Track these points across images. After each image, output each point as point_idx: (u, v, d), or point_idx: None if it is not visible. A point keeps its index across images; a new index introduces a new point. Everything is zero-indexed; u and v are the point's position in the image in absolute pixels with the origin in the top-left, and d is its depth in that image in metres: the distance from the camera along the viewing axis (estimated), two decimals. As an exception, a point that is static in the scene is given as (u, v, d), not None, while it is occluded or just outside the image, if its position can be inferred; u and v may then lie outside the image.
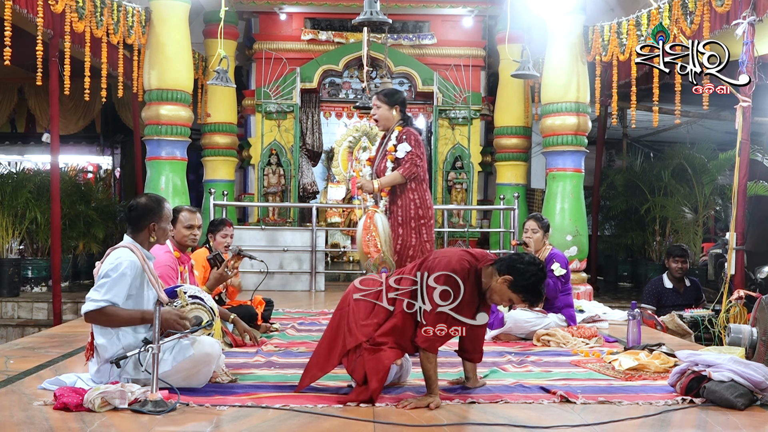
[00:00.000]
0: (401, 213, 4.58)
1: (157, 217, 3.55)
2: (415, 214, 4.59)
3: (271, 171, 10.50)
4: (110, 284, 3.33)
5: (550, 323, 5.22)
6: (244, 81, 11.02)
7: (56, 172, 7.59)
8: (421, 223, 4.60)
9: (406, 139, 4.54)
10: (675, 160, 10.22)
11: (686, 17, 6.19)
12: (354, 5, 9.91)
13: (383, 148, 4.68)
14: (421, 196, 4.61)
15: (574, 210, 7.93)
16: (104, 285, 3.34)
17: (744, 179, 5.64)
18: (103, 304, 3.30)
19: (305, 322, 5.93)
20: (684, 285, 6.57)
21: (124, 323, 3.35)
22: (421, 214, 4.60)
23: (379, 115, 4.60)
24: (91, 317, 3.34)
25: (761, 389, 3.37)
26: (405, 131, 4.58)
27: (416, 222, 4.59)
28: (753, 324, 4.04)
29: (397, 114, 4.62)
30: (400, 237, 4.59)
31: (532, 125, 10.19)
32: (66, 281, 9.41)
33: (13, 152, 14.14)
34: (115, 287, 3.33)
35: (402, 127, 4.61)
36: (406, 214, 4.58)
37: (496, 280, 3.33)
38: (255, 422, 3.01)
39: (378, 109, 4.60)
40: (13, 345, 4.88)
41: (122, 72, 7.81)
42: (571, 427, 3.03)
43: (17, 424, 2.89)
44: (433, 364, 3.33)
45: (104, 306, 3.30)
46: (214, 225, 5.36)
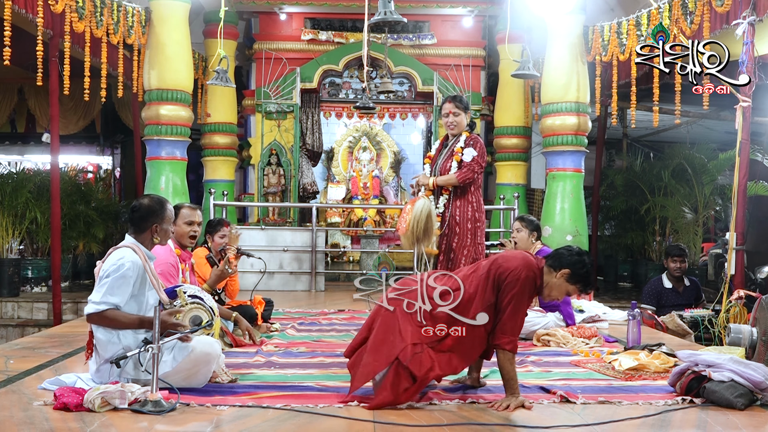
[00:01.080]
0: (459, 213, 4.73)
1: (159, 218, 3.55)
2: (471, 216, 4.75)
3: (271, 171, 10.51)
4: (110, 286, 3.33)
5: (550, 323, 5.22)
6: (244, 81, 11.03)
7: (56, 172, 7.59)
8: (477, 226, 4.76)
9: (473, 144, 4.73)
10: (675, 160, 10.22)
11: (686, 17, 6.19)
12: (354, 5, 9.91)
13: (449, 149, 4.84)
14: (478, 200, 4.80)
15: (574, 210, 7.93)
16: (104, 286, 3.34)
17: (744, 179, 5.65)
18: (103, 307, 3.32)
19: (305, 322, 5.93)
20: (683, 284, 6.58)
21: (124, 327, 3.37)
22: (477, 217, 4.77)
23: (458, 122, 4.79)
24: (92, 319, 3.37)
25: (761, 389, 3.37)
26: (473, 138, 4.78)
27: (472, 224, 4.75)
28: (753, 324, 4.04)
29: (467, 119, 4.83)
30: (456, 236, 4.73)
31: (532, 125, 10.19)
32: (66, 281, 9.42)
33: (13, 152, 14.14)
34: (116, 289, 3.33)
35: (469, 133, 4.81)
36: (464, 216, 4.73)
37: (554, 276, 3.42)
38: (255, 422, 3.01)
39: (456, 116, 4.78)
40: (13, 345, 4.88)
41: (122, 72, 7.82)
42: (571, 427, 3.03)
43: (17, 424, 2.89)
44: (513, 364, 3.38)
45: (105, 309, 3.32)
46: (211, 225, 5.37)
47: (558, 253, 3.48)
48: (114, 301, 3.33)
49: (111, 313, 3.33)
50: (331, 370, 4.08)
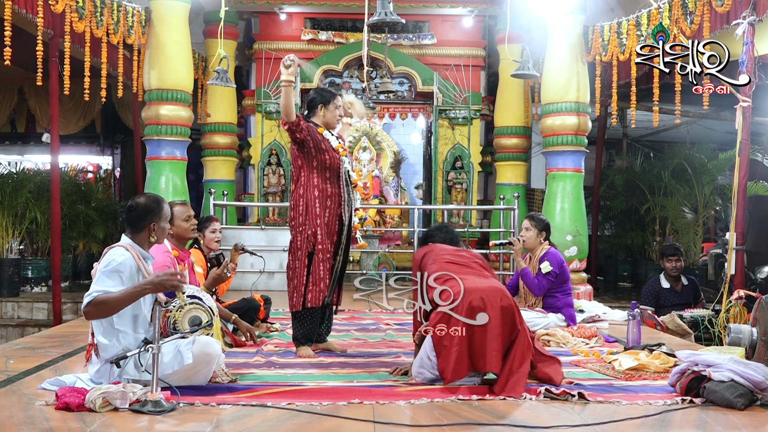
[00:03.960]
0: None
1: (156, 217, 3.54)
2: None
3: (271, 171, 10.51)
4: (99, 278, 3.30)
5: (550, 323, 5.22)
6: (244, 81, 11.02)
7: (56, 172, 7.59)
8: None
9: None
10: (675, 160, 10.22)
11: (686, 17, 6.19)
12: (354, 5, 9.91)
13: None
14: None
15: (574, 210, 7.92)
16: (95, 280, 3.32)
17: (744, 179, 5.64)
18: (94, 294, 3.23)
19: (305, 322, 5.92)
20: (681, 284, 6.58)
21: (121, 304, 3.24)
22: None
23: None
24: (89, 314, 3.28)
25: (761, 389, 3.37)
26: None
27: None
28: (753, 324, 4.04)
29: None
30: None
31: (532, 125, 10.19)
32: (66, 281, 9.42)
33: (13, 152, 14.14)
34: (107, 279, 3.29)
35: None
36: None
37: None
38: (255, 422, 3.01)
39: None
40: (13, 345, 4.88)
41: (122, 72, 7.81)
42: (571, 427, 3.03)
43: (17, 424, 2.89)
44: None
45: (96, 296, 3.23)
46: (200, 222, 5.36)
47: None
48: (103, 287, 3.26)
49: (101, 297, 3.23)
50: (331, 370, 4.08)
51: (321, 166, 4.52)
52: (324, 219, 4.48)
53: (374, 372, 4.04)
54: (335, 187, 4.56)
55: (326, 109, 4.63)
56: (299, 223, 4.49)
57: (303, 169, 4.53)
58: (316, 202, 4.46)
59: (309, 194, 4.47)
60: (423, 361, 3.69)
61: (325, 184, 4.53)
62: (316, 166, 4.51)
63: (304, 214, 4.47)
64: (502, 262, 9.57)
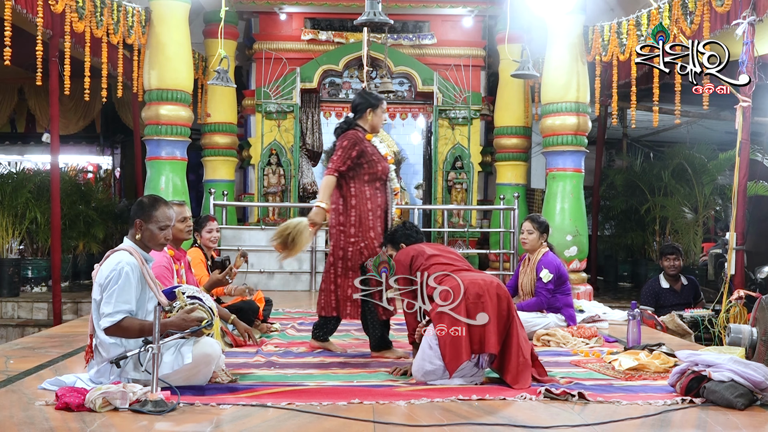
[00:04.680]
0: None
1: (145, 215, 3.50)
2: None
3: (271, 171, 10.50)
4: (118, 293, 3.32)
5: (550, 323, 5.22)
6: (244, 81, 11.01)
7: (56, 172, 7.59)
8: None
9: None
10: (675, 160, 10.22)
11: (686, 17, 6.19)
12: (354, 5, 9.91)
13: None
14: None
15: (574, 210, 7.93)
16: (112, 295, 3.32)
17: (744, 179, 5.64)
18: (119, 317, 3.30)
19: (305, 322, 5.92)
20: (681, 283, 6.58)
21: (143, 334, 3.25)
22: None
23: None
24: (110, 332, 3.34)
25: (761, 389, 3.37)
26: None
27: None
28: (753, 324, 4.04)
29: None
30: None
31: (532, 125, 10.18)
32: (66, 281, 9.42)
33: (13, 152, 14.14)
34: (125, 295, 3.33)
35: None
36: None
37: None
38: (255, 422, 3.01)
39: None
40: (13, 345, 4.88)
41: (122, 72, 7.81)
42: (571, 427, 3.03)
43: (17, 424, 2.89)
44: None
45: (121, 319, 3.30)
46: (198, 222, 5.36)
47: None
48: (126, 308, 3.33)
49: (127, 322, 3.31)
50: (331, 370, 4.08)
51: (372, 178, 4.56)
52: (377, 230, 4.54)
53: (374, 372, 4.04)
54: (383, 195, 4.62)
55: (374, 114, 4.64)
56: (350, 234, 4.52)
57: (354, 180, 4.54)
58: (369, 214, 4.52)
59: (362, 206, 4.52)
60: (425, 353, 3.70)
61: (375, 194, 4.57)
62: (367, 180, 4.55)
63: (357, 225, 4.52)
64: (502, 262, 9.58)
